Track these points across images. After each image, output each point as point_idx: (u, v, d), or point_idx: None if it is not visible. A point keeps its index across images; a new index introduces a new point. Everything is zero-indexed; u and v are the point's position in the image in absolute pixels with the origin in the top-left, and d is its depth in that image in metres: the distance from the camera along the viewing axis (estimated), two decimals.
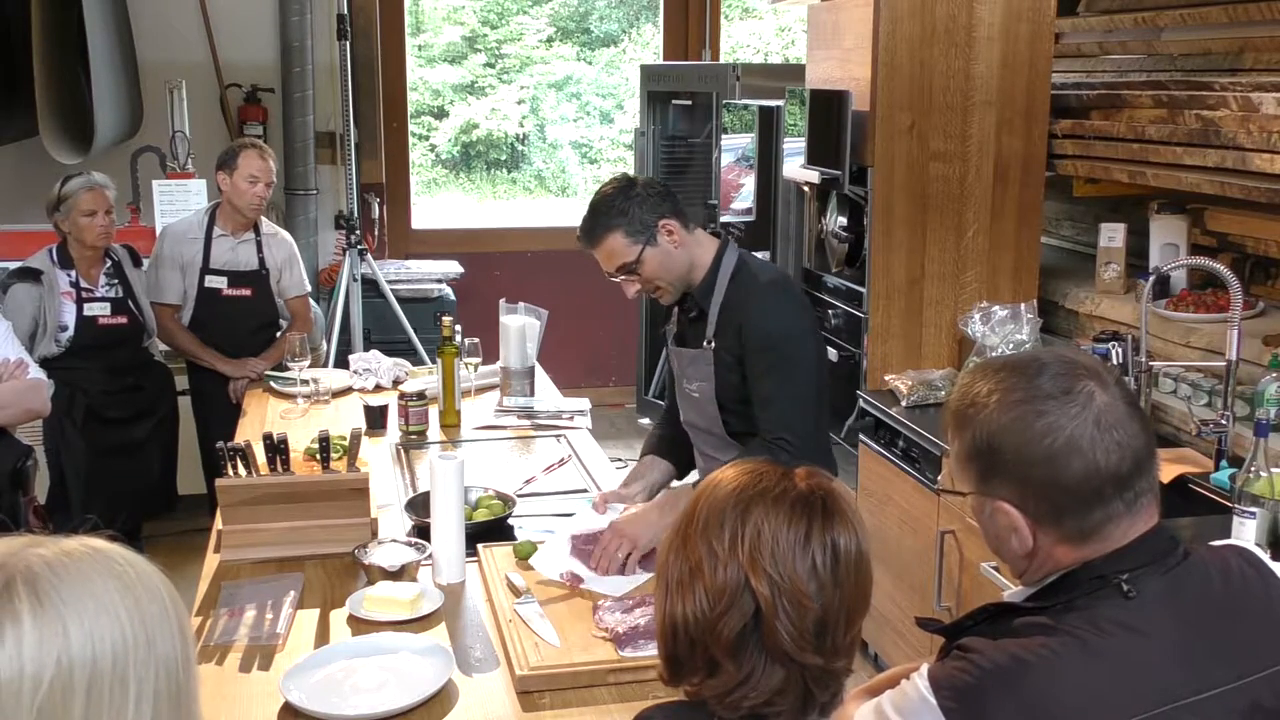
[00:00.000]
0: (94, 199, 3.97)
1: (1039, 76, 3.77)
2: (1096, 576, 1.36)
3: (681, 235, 2.52)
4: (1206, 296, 3.43)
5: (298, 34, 5.52)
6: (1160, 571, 1.36)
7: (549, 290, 5.20)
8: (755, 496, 1.29)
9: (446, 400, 3.43)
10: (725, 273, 2.55)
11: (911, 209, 3.77)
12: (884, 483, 3.63)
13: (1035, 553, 1.41)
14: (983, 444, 1.40)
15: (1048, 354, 1.45)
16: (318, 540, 2.52)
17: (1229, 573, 1.40)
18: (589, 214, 2.54)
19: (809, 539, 1.26)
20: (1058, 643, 1.31)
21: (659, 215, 2.49)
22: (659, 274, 2.53)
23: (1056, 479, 1.36)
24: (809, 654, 1.25)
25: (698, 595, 1.27)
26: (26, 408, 3.42)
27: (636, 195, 2.50)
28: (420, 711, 1.91)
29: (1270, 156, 2.92)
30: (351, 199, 5.45)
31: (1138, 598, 1.33)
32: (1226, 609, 1.37)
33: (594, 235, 2.52)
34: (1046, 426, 1.35)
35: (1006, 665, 1.31)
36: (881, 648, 3.70)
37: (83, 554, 0.93)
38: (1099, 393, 1.37)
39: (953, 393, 1.49)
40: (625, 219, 2.48)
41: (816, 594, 1.25)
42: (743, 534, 1.26)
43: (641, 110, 5.67)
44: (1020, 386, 1.39)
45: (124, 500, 4.13)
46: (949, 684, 1.33)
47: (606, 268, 2.56)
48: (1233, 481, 2.58)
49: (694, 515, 1.31)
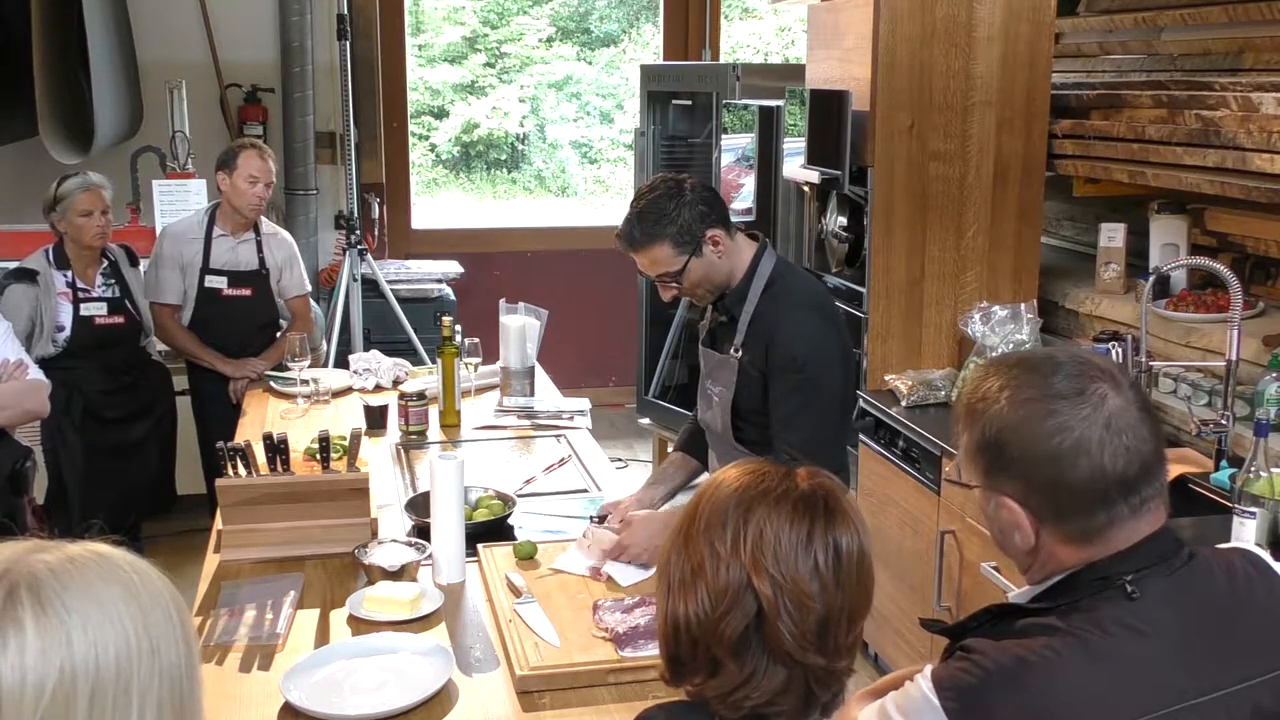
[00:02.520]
0: (90, 199, 3.96)
1: (1039, 76, 3.77)
2: (1100, 578, 1.35)
3: (726, 244, 2.48)
4: (1206, 296, 3.43)
5: (298, 34, 5.52)
6: (1164, 573, 1.36)
7: (549, 290, 5.20)
8: (757, 496, 1.29)
9: (446, 400, 3.43)
10: (760, 281, 2.51)
11: (911, 209, 3.77)
12: (884, 483, 3.63)
13: (1037, 550, 1.41)
14: (991, 439, 1.39)
15: (1063, 353, 1.45)
16: (318, 540, 2.52)
17: (1233, 575, 1.40)
18: (635, 219, 2.46)
19: (811, 539, 1.26)
20: (1060, 643, 1.31)
21: (706, 226, 2.44)
22: (700, 283, 2.50)
23: (1062, 479, 1.35)
24: (811, 654, 1.25)
25: (700, 595, 1.26)
26: (26, 409, 3.40)
27: (687, 204, 2.43)
28: (420, 711, 1.92)
29: (1270, 156, 2.92)
30: (351, 199, 5.44)
31: (1141, 599, 1.33)
32: (1230, 611, 1.37)
33: (640, 242, 2.46)
34: (1056, 426, 1.35)
35: (1009, 666, 1.31)
36: (882, 648, 3.69)
37: (87, 560, 0.93)
38: (1112, 395, 1.36)
39: (965, 385, 1.49)
40: (675, 228, 2.42)
41: (819, 594, 1.25)
42: (745, 534, 1.26)
43: (641, 110, 5.66)
44: (1033, 384, 1.38)
45: (122, 499, 4.13)
46: (952, 684, 1.33)
47: (647, 272, 2.51)
48: (1233, 481, 2.58)
49: (696, 515, 1.31)
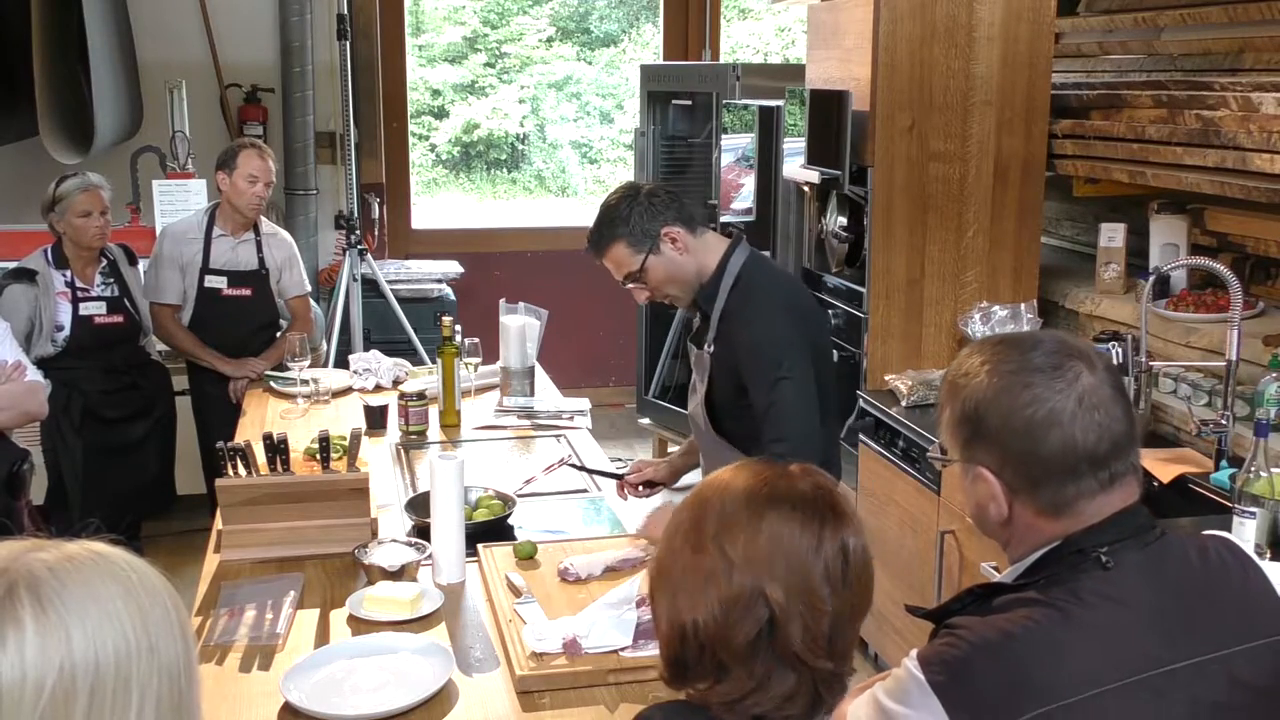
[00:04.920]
0: (90, 200, 3.95)
1: (1039, 76, 3.77)
2: (1076, 551, 1.40)
3: (687, 242, 2.53)
4: (1206, 296, 3.43)
5: (298, 34, 5.52)
6: (1138, 546, 1.41)
7: (549, 290, 5.20)
8: (766, 501, 1.28)
9: (446, 400, 3.43)
10: (729, 277, 2.55)
11: (911, 209, 3.77)
12: (884, 483, 3.63)
13: (1012, 522, 1.45)
14: (970, 410, 1.44)
15: (1045, 334, 1.51)
16: (318, 540, 2.52)
17: (1206, 554, 1.44)
18: (595, 224, 2.56)
19: (822, 542, 1.25)
20: (1041, 614, 1.35)
21: (662, 223, 2.50)
22: (665, 282, 2.55)
23: (1034, 449, 1.40)
24: (821, 658, 1.24)
25: (710, 602, 1.24)
26: (24, 410, 3.37)
27: (639, 204, 2.51)
28: (420, 711, 1.92)
29: (1270, 156, 2.92)
30: (351, 199, 5.44)
31: (1116, 569, 1.38)
32: (1203, 587, 1.41)
33: (599, 245, 2.55)
34: (1031, 398, 1.40)
35: (992, 638, 1.34)
36: (882, 648, 3.69)
37: (85, 558, 0.93)
38: (1086, 373, 1.41)
39: (951, 365, 1.53)
40: (627, 228, 2.50)
41: (829, 597, 1.24)
42: (758, 540, 1.25)
43: (641, 110, 5.66)
44: (1012, 359, 1.43)
45: (122, 499, 4.13)
46: (937, 659, 1.35)
47: (615, 276, 2.59)
48: (1233, 481, 2.58)
49: (702, 520, 1.29)
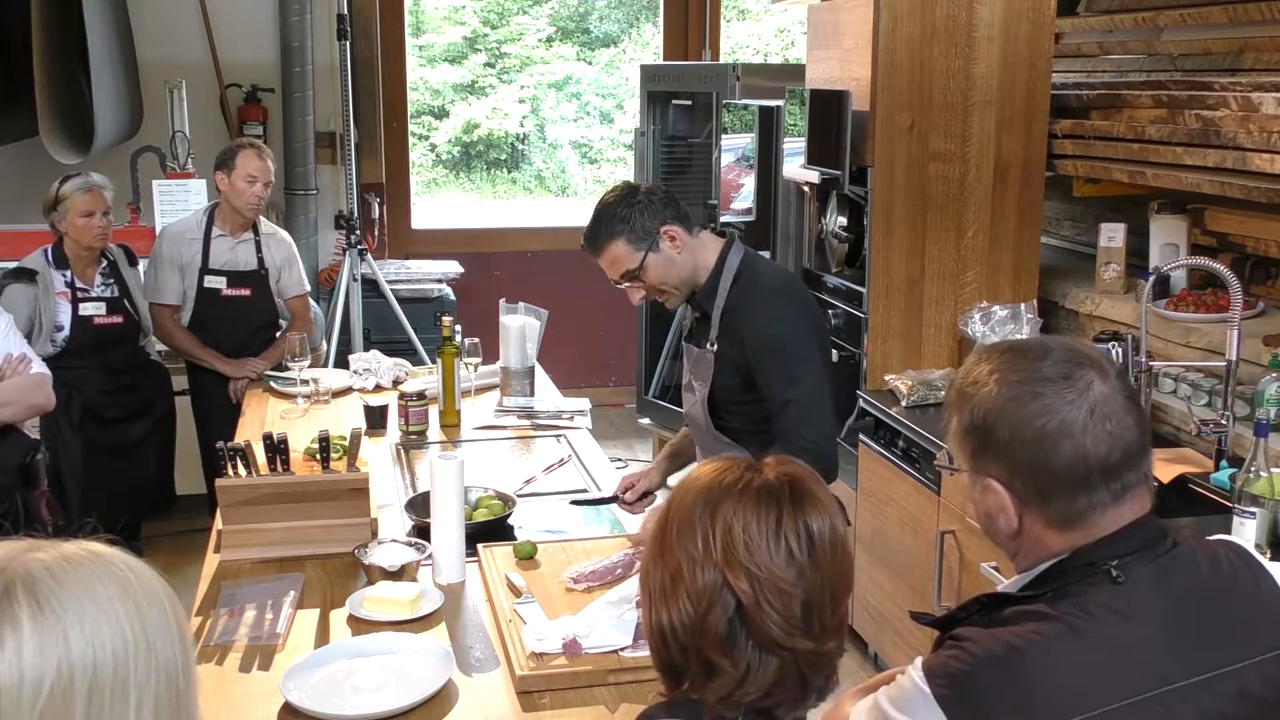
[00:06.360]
0: (92, 200, 3.95)
1: (1039, 76, 3.77)
2: (1086, 563, 1.37)
3: (684, 240, 2.54)
4: (1206, 296, 3.43)
5: (298, 34, 5.52)
6: (1148, 559, 1.38)
7: (549, 290, 5.20)
8: (721, 494, 1.29)
9: (446, 400, 3.43)
10: (728, 275, 2.57)
11: (911, 209, 3.77)
12: (884, 483, 3.63)
13: (1021, 534, 1.42)
14: (979, 420, 1.41)
15: (1054, 341, 1.47)
16: (318, 540, 2.52)
17: (1217, 562, 1.42)
18: (592, 222, 2.57)
19: (780, 526, 1.27)
20: (1049, 628, 1.32)
21: (661, 221, 2.52)
22: (662, 280, 2.56)
23: (1045, 461, 1.37)
24: (799, 639, 1.26)
25: (681, 601, 1.27)
26: (31, 403, 3.41)
27: (638, 202, 2.52)
28: (420, 711, 1.92)
29: (1270, 156, 2.92)
30: (351, 199, 5.44)
31: (1127, 583, 1.35)
32: (1214, 597, 1.39)
33: (597, 243, 2.55)
34: (1041, 408, 1.37)
35: (999, 652, 1.32)
36: (881, 648, 3.69)
37: (83, 558, 0.93)
38: (1098, 383, 1.38)
39: (958, 371, 1.51)
40: (627, 226, 2.51)
41: (797, 580, 1.26)
42: (714, 533, 1.27)
43: (641, 110, 5.66)
44: (1022, 368, 1.40)
45: (121, 499, 4.13)
46: (943, 672, 1.34)
47: (611, 275, 2.59)
48: (1233, 481, 2.58)
49: (669, 522, 1.32)
